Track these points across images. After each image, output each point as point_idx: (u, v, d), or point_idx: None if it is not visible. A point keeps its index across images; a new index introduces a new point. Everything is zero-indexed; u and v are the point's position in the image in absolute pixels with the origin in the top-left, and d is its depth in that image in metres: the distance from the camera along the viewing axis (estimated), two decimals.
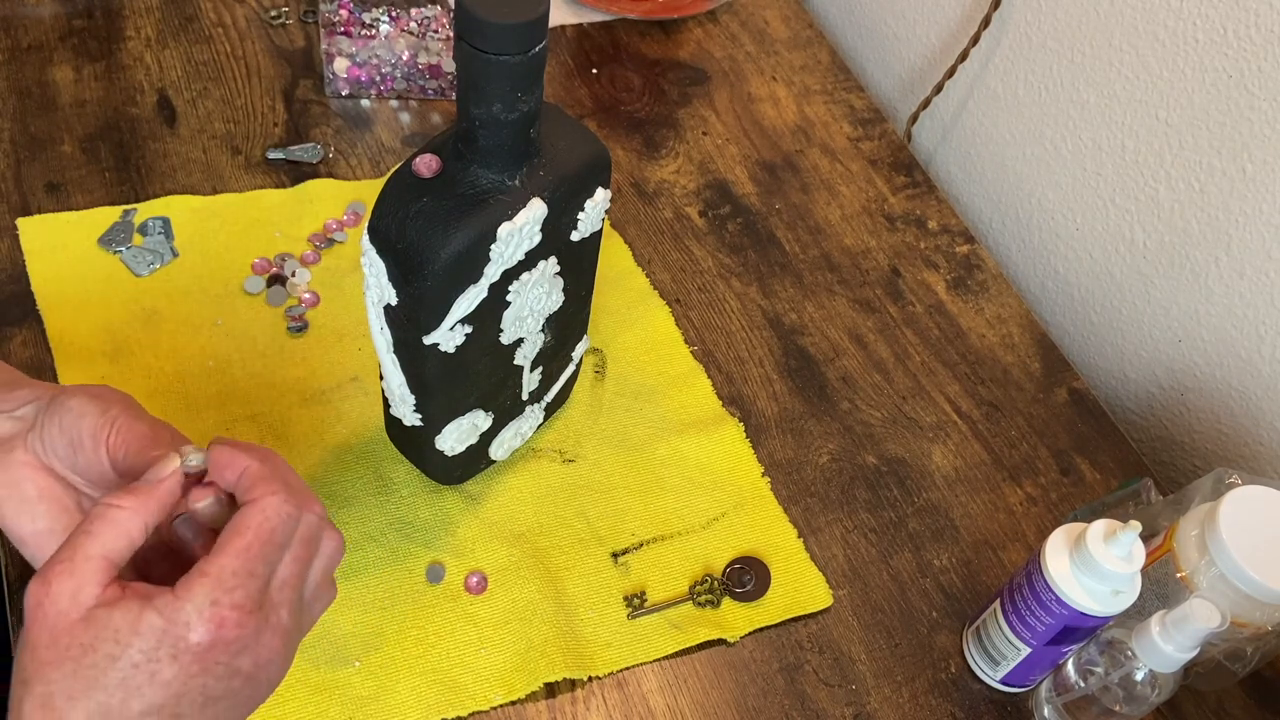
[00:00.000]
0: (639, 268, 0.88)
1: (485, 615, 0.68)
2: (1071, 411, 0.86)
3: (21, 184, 0.84)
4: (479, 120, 0.55)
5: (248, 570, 0.45)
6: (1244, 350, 0.82)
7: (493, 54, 0.52)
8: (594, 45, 1.06)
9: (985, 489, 0.80)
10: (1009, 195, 1.00)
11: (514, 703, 0.65)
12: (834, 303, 0.89)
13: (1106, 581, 0.61)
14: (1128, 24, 0.85)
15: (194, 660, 0.43)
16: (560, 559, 0.71)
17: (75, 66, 0.92)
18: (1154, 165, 0.85)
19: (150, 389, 0.74)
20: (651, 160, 0.97)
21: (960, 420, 0.84)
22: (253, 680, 0.45)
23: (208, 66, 0.95)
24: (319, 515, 0.48)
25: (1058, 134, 0.94)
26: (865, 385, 0.84)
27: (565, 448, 0.76)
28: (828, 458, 0.80)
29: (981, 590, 0.75)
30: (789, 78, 1.06)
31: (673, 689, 0.68)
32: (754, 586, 0.72)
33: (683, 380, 0.82)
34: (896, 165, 1.01)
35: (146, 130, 0.89)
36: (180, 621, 0.43)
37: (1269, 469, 0.82)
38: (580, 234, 0.63)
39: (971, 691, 0.71)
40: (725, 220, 0.93)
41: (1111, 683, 0.63)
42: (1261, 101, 0.76)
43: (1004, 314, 0.91)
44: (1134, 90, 0.86)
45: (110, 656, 0.43)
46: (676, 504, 0.75)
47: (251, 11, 1.00)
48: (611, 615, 0.69)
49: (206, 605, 0.44)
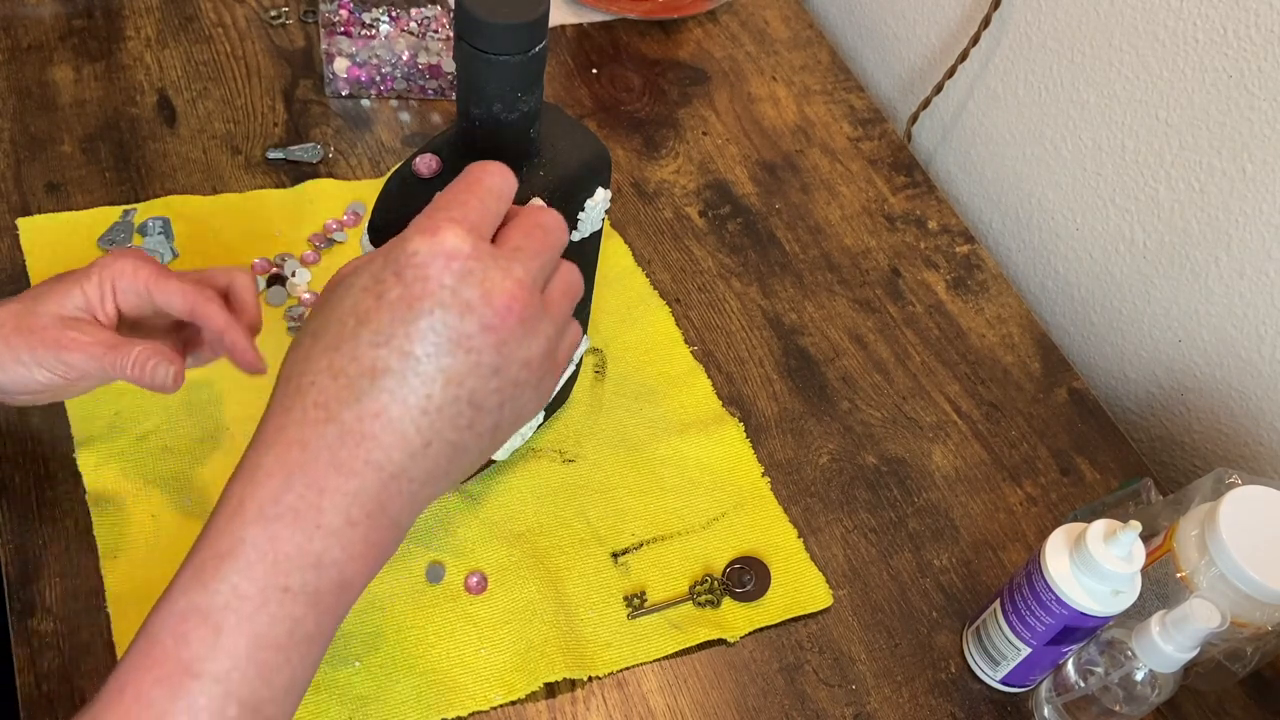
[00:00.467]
0: (639, 268, 0.88)
1: (485, 615, 0.68)
2: (1071, 411, 0.86)
3: (21, 184, 0.84)
4: (479, 120, 0.55)
5: (465, 200, 0.47)
6: (1244, 350, 0.82)
7: (493, 54, 0.52)
8: (594, 45, 1.06)
9: (985, 489, 0.80)
10: (1009, 195, 1.00)
11: (514, 703, 0.65)
12: (834, 303, 0.89)
13: (1106, 581, 0.61)
14: (1128, 24, 0.85)
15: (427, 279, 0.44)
16: (560, 559, 0.71)
17: (75, 66, 0.92)
18: (1154, 165, 0.85)
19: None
20: (651, 160, 0.97)
21: (960, 420, 0.84)
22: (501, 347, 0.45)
23: (208, 66, 0.95)
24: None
25: (1058, 134, 0.94)
26: (865, 385, 0.84)
27: (565, 448, 0.76)
28: (828, 458, 0.80)
29: (981, 590, 0.75)
30: (789, 78, 1.06)
31: (673, 689, 0.68)
32: (754, 586, 0.72)
33: (683, 380, 0.82)
34: (896, 165, 1.01)
35: (146, 130, 0.89)
36: (400, 240, 0.46)
37: (1269, 469, 0.82)
38: (580, 234, 0.63)
39: (971, 691, 0.71)
40: (725, 220, 0.93)
41: (1111, 683, 0.63)
42: (1261, 101, 0.76)
43: (1004, 314, 0.91)
44: (1134, 90, 0.86)
45: (348, 285, 0.46)
46: (676, 504, 0.75)
47: (251, 11, 1.00)
48: (611, 615, 0.69)
49: (423, 220, 0.46)
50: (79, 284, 0.60)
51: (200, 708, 0.42)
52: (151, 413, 0.72)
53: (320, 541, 0.43)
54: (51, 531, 0.67)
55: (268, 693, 0.44)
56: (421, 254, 0.44)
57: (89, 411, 0.72)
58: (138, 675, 0.43)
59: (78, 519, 0.68)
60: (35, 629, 0.63)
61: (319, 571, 0.44)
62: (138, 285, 0.61)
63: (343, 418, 0.44)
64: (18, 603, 0.64)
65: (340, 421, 0.44)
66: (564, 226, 0.49)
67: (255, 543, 0.43)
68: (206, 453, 0.71)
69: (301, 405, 0.44)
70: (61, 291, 0.60)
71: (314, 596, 0.44)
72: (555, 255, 0.49)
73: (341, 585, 0.44)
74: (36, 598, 0.64)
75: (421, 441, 0.44)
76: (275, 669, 0.44)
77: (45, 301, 0.60)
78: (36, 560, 0.66)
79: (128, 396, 0.73)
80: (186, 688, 0.42)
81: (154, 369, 0.59)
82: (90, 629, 0.64)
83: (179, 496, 0.69)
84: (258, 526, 0.43)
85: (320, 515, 0.43)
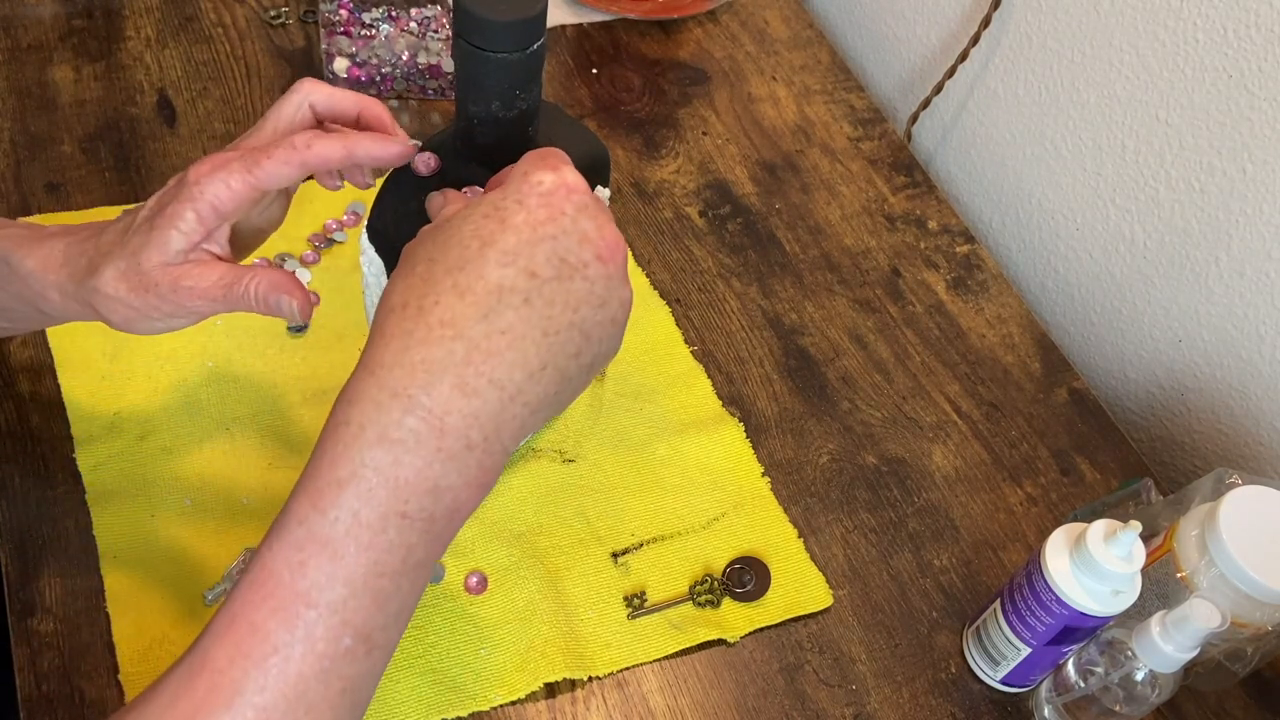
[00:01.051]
0: (639, 268, 0.88)
1: (485, 615, 0.68)
2: (1071, 411, 0.86)
3: (21, 184, 0.84)
4: (477, 118, 0.55)
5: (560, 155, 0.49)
6: (1244, 350, 0.82)
7: (491, 51, 0.52)
8: (594, 45, 1.06)
9: (985, 489, 0.80)
10: (1009, 195, 1.00)
11: (514, 703, 0.65)
12: (834, 303, 0.89)
13: (1106, 581, 0.61)
14: (1128, 24, 0.85)
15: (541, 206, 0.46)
16: (560, 559, 0.71)
17: (75, 66, 0.92)
18: (1154, 165, 0.85)
19: (150, 389, 0.74)
20: (651, 160, 0.97)
21: (960, 420, 0.84)
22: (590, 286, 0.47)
23: (208, 66, 0.95)
24: None
25: (1058, 134, 0.93)
26: (865, 385, 0.84)
27: (565, 448, 0.76)
28: (828, 458, 0.80)
29: (981, 590, 0.75)
30: (789, 78, 1.06)
31: (673, 689, 0.68)
32: (754, 586, 0.72)
33: (683, 380, 0.82)
34: (896, 165, 1.01)
35: (146, 130, 0.89)
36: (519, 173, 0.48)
37: (1269, 469, 0.82)
38: None
39: (971, 691, 0.70)
40: (725, 220, 0.93)
41: (1111, 683, 0.63)
42: (1261, 101, 0.76)
43: (1004, 314, 0.91)
44: (1134, 90, 0.86)
45: (463, 216, 0.47)
46: (676, 504, 0.75)
47: (251, 11, 1.00)
48: (611, 615, 0.69)
49: (536, 160, 0.48)
50: (174, 226, 0.54)
51: (317, 637, 0.42)
52: (151, 413, 0.72)
53: (440, 465, 0.44)
54: (51, 531, 0.67)
55: (380, 619, 0.44)
56: (546, 184, 0.46)
57: (89, 411, 0.72)
58: (251, 607, 0.43)
59: (78, 519, 0.67)
60: (35, 629, 0.63)
61: (435, 496, 0.44)
62: (241, 200, 0.55)
63: (471, 333, 0.44)
64: (18, 603, 0.64)
65: (468, 338, 0.44)
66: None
67: (378, 467, 0.43)
68: (206, 453, 0.71)
69: (426, 324, 0.45)
70: (160, 240, 0.55)
71: (428, 523, 0.44)
72: None
73: (454, 510, 0.45)
74: (36, 598, 0.64)
75: (539, 363, 0.46)
76: (388, 596, 0.44)
77: (146, 252, 0.55)
78: (36, 560, 0.66)
79: (128, 396, 0.73)
80: (303, 617, 0.42)
81: (276, 303, 0.56)
82: (90, 629, 0.64)
83: (179, 496, 0.69)
84: (379, 449, 0.43)
85: (442, 438, 0.44)
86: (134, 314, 0.56)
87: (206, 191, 0.54)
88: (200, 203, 0.54)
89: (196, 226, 0.55)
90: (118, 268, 0.55)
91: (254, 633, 0.42)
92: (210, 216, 0.55)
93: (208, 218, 0.55)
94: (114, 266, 0.55)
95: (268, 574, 0.43)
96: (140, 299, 0.55)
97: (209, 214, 0.55)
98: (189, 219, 0.54)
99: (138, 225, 0.56)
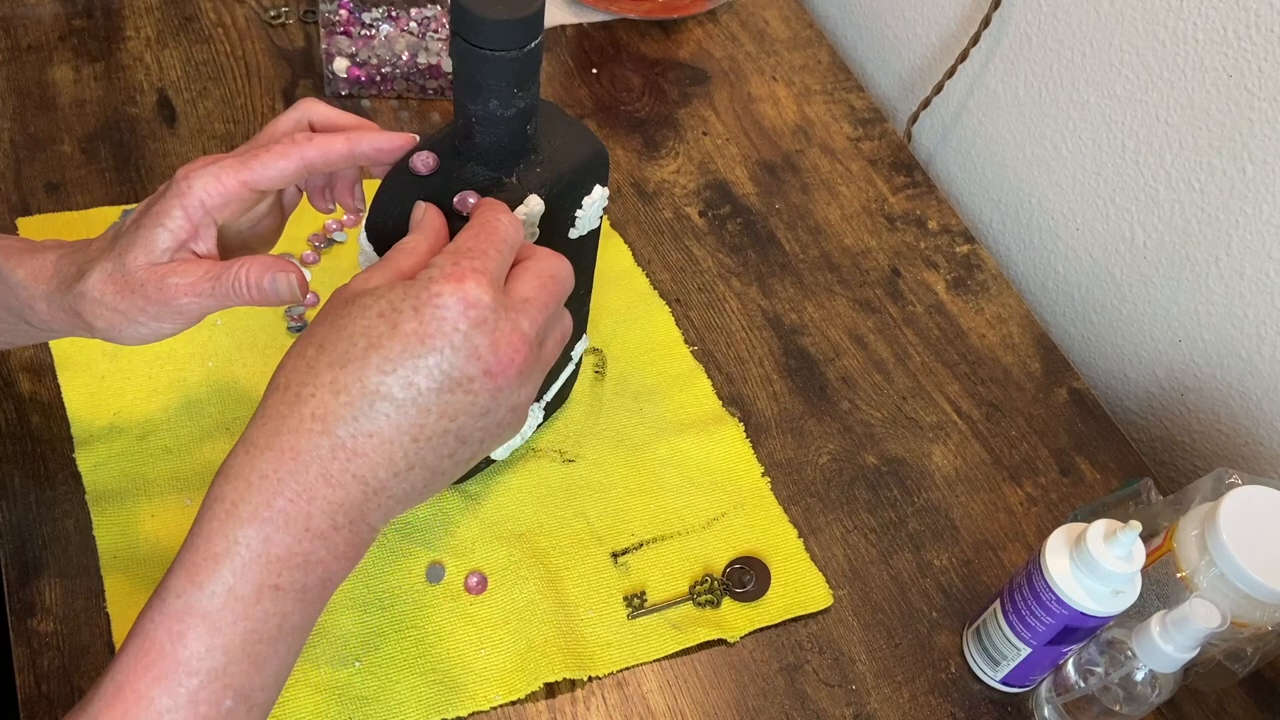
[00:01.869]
0: (639, 268, 0.88)
1: (485, 615, 0.68)
2: (1071, 411, 0.86)
3: (21, 184, 0.84)
4: (476, 117, 0.55)
5: (486, 250, 0.49)
6: (1244, 350, 0.82)
7: (489, 50, 0.52)
8: (594, 45, 1.06)
9: (985, 489, 0.80)
10: (1009, 195, 1.00)
11: (514, 703, 0.65)
12: (834, 303, 0.89)
13: (1106, 581, 0.61)
14: (1128, 24, 0.85)
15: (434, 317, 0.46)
16: (560, 559, 0.71)
17: (75, 66, 0.92)
18: (1154, 165, 0.85)
19: (150, 388, 0.74)
20: (651, 160, 0.97)
21: (960, 420, 0.84)
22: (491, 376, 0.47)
23: (208, 66, 0.95)
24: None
25: (1058, 134, 0.93)
26: (865, 385, 0.84)
27: (565, 447, 0.76)
28: (828, 458, 0.80)
29: (981, 590, 0.75)
30: (789, 78, 1.06)
31: (673, 689, 0.68)
32: (754, 586, 0.72)
33: (683, 380, 0.82)
34: (896, 165, 1.01)
35: (146, 130, 0.89)
36: (424, 279, 0.47)
37: (1269, 469, 0.82)
38: (578, 231, 0.63)
39: (971, 691, 0.70)
40: (725, 220, 0.93)
41: (1111, 683, 0.63)
42: (1261, 101, 0.76)
43: (1004, 314, 0.91)
44: (1134, 90, 0.86)
45: (362, 306, 0.47)
46: (676, 504, 0.75)
47: (251, 11, 1.00)
48: (611, 615, 0.69)
49: (448, 264, 0.47)
50: (160, 224, 0.54)
51: (200, 700, 0.45)
52: (151, 413, 0.72)
53: (309, 543, 0.46)
54: (51, 531, 0.67)
55: (259, 680, 0.46)
56: (444, 296, 0.46)
57: (89, 411, 0.72)
58: (135, 675, 0.45)
59: (78, 519, 0.67)
60: (35, 629, 0.63)
61: (306, 570, 0.46)
62: (230, 197, 0.55)
63: (338, 432, 0.46)
64: (18, 603, 0.64)
65: (335, 436, 0.46)
66: (572, 274, 0.53)
67: (250, 544, 0.45)
68: (206, 453, 0.71)
69: (299, 414, 0.46)
70: (145, 239, 0.54)
71: (301, 592, 0.47)
72: (561, 304, 0.52)
73: (325, 581, 0.48)
74: (36, 598, 0.64)
75: (406, 465, 0.47)
76: (265, 659, 0.46)
77: (133, 253, 0.54)
78: (36, 560, 0.66)
79: (128, 396, 0.73)
80: (185, 684, 0.44)
81: (272, 285, 0.55)
82: (90, 629, 0.64)
83: (179, 496, 0.69)
84: (252, 528, 0.46)
85: (309, 520, 0.46)
86: (120, 318, 0.55)
87: (195, 186, 0.54)
88: (188, 198, 0.54)
89: (184, 223, 0.54)
90: (104, 270, 0.54)
91: (139, 700, 0.44)
92: (198, 212, 0.54)
93: (195, 213, 0.54)
94: (100, 270, 0.54)
95: (151, 644, 0.45)
96: (126, 301, 0.54)
97: (196, 210, 0.54)
98: (176, 215, 0.54)
99: (125, 228, 0.55)
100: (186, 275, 0.54)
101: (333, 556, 0.47)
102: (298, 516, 0.46)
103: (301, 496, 0.46)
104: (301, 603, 0.47)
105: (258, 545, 0.45)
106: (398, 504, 0.49)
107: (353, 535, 0.48)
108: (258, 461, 0.46)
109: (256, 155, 0.55)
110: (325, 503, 0.46)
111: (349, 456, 0.46)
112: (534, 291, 0.50)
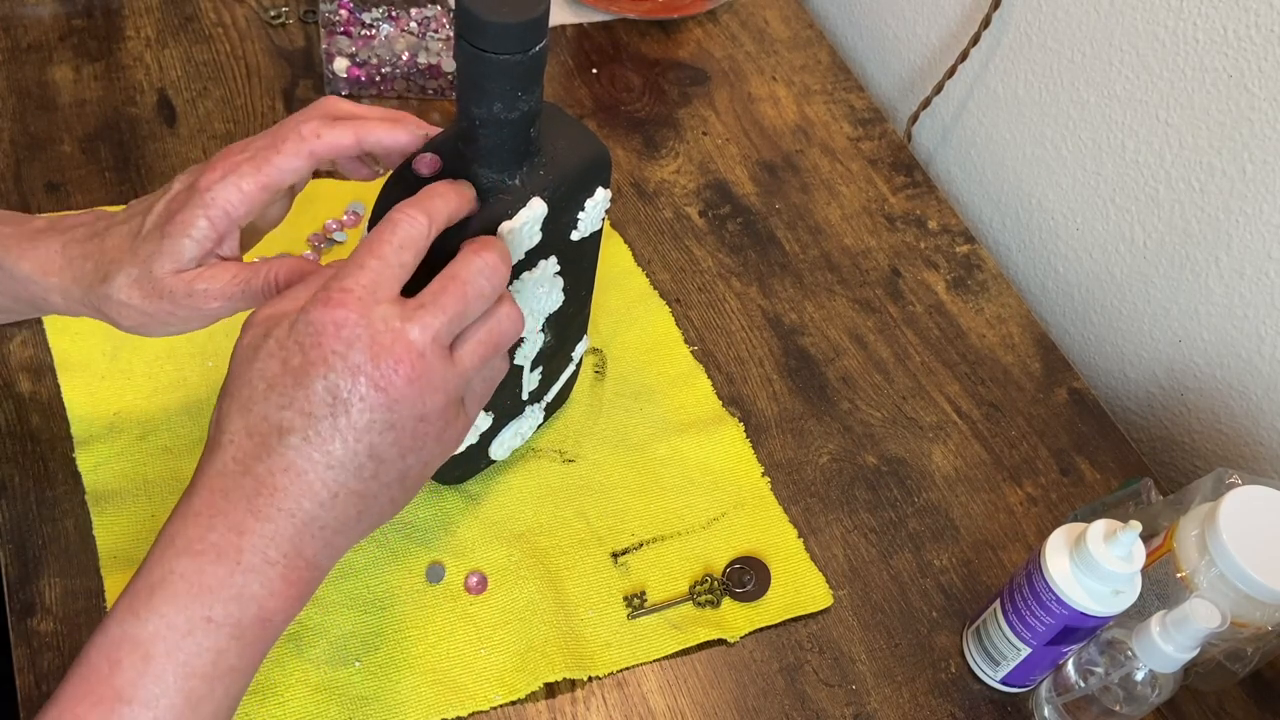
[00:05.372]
0: (639, 268, 0.88)
1: (485, 615, 0.68)
2: (1071, 411, 0.86)
3: (21, 184, 0.84)
4: (479, 119, 0.55)
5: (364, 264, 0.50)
6: (1244, 350, 0.82)
7: (493, 53, 0.52)
8: (594, 45, 1.06)
9: (985, 489, 0.80)
10: (1009, 195, 1.00)
11: (514, 703, 0.65)
12: (834, 303, 0.89)
13: (1106, 581, 0.61)
14: (1128, 24, 0.85)
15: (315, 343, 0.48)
16: (560, 559, 0.71)
17: (75, 66, 0.92)
18: (1154, 165, 0.85)
19: (150, 389, 0.74)
20: (651, 160, 0.97)
21: (960, 420, 0.84)
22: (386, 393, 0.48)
23: (208, 66, 0.95)
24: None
25: (1058, 134, 0.94)
26: (865, 385, 0.84)
27: (565, 447, 0.76)
28: (828, 458, 0.80)
29: (981, 590, 0.75)
30: (789, 78, 1.06)
31: (673, 689, 0.68)
32: (754, 586, 0.72)
33: (683, 380, 0.82)
34: (896, 165, 1.01)
35: (146, 130, 0.89)
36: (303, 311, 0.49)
37: (1269, 469, 0.82)
38: (580, 233, 0.63)
39: (971, 691, 0.71)
40: (725, 220, 0.93)
41: (1111, 683, 0.63)
42: (1261, 101, 0.76)
43: (1004, 314, 0.91)
44: (1134, 90, 0.86)
45: (254, 349, 0.49)
46: (676, 504, 0.75)
47: (251, 11, 1.00)
48: (611, 615, 0.69)
49: (320, 292, 0.49)
50: (186, 234, 0.55)
51: None
52: (151, 413, 0.72)
53: (241, 576, 0.47)
54: (51, 531, 0.67)
55: (193, 718, 0.47)
56: (315, 323, 0.48)
57: (89, 411, 0.72)
58: (74, 701, 0.46)
59: (78, 519, 0.67)
60: (35, 629, 0.63)
61: (240, 604, 0.47)
62: (254, 204, 0.56)
63: (256, 470, 0.48)
64: (18, 603, 0.64)
65: (255, 474, 0.48)
66: (494, 269, 0.52)
67: (184, 574, 0.47)
68: None
69: (222, 458, 0.49)
70: (171, 249, 0.55)
71: (236, 629, 0.47)
72: (473, 305, 0.51)
73: (262, 620, 0.48)
74: (36, 598, 0.64)
75: (328, 493, 0.48)
76: (201, 698, 0.47)
77: (159, 261, 0.55)
78: (36, 560, 0.66)
79: (128, 396, 0.73)
80: (119, 713, 0.45)
81: None
82: (90, 629, 0.63)
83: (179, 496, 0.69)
84: (185, 559, 0.47)
85: (240, 554, 0.47)
86: (148, 319, 0.57)
87: (219, 197, 0.55)
88: (213, 209, 0.55)
89: (210, 233, 0.56)
90: (129, 275, 0.56)
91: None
92: (223, 222, 0.56)
93: (220, 223, 0.56)
94: (125, 274, 0.56)
95: (90, 669, 0.46)
96: (154, 305, 0.56)
97: (222, 220, 0.56)
98: (201, 226, 0.55)
99: (147, 233, 0.56)
100: (215, 281, 0.56)
101: (268, 593, 0.48)
102: (229, 550, 0.47)
103: (232, 530, 0.47)
104: (238, 640, 0.47)
105: (192, 575, 0.47)
106: (336, 535, 0.49)
107: (289, 571, 0.48)
108: (193, 502, 0.48)
109: (269, 158, 0.56)
110: (255, 536, 0.47)
111: (271, 492, 0.48)
112: (430, 296, 0.50)
